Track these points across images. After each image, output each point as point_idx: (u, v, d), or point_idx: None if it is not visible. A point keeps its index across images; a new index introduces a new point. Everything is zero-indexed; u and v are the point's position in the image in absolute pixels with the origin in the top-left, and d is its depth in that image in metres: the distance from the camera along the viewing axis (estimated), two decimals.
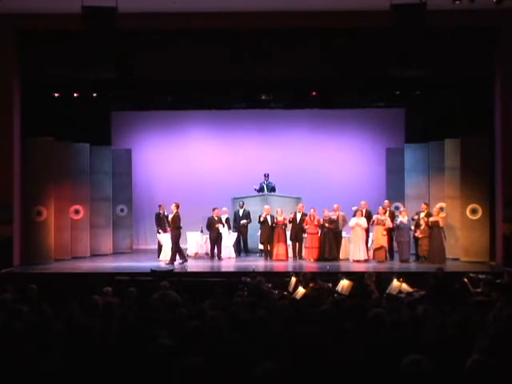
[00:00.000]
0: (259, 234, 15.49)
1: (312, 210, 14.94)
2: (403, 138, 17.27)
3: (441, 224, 14.24)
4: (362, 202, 15.17)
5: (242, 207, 15.86)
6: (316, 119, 17.99)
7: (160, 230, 15.27)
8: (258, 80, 15.50)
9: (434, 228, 14.19)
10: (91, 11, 11.65)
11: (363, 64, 14.11)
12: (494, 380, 3.83)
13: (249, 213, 15.79)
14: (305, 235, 15.01)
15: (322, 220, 14.81)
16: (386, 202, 15.45)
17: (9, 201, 14.08)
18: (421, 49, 12.11)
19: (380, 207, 14.85)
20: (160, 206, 15.47)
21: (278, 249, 14.91)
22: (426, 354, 4.02)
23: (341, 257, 14.96)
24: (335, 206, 15.09)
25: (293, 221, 14.95)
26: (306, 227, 14.90)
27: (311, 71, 14.65)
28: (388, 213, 14.80)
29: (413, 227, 14.52)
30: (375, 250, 14.58)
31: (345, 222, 15.00)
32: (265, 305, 7.25)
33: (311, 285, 9.47)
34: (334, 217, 14.88)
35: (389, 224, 14.49)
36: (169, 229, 14.83)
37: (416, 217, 14.58)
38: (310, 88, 16.51)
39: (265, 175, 16.78)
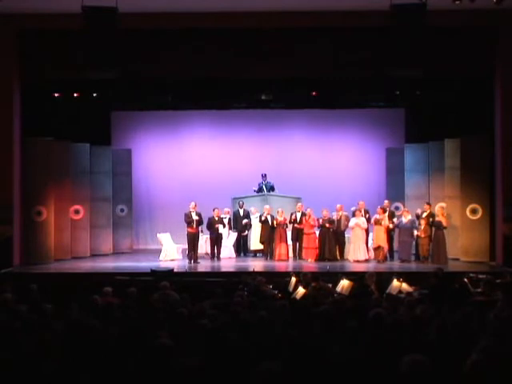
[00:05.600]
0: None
1: (308, 209, 14.93)
2: (403, 138, 17.28)
3: (444, 224, 14.25)
4: (360, 202, 15.16)
5: (241, 207, 15.85)
6: (316, 119, 17.99)
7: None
8: (258, 80, 15.48)
9: (436, 228, 14.20)
10: (91, 11, 11.64)
11: (363, 64, 14.11)
12: (493, 380, 3.83)
13: (249, 212, 15.78)
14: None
15: (321, 220, 14.81)
16: (386, 202, 15.47)
17: (9, 201, 14.07)
18: (421, 48, 12.11)
19: (378, 207, 14.85)
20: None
21: (280, 249, 14.88)
22: (426, 354, 4.02)
23: (343, 257, 14.97)
24: (338, 205, 15.06)
25: (294, 221, 14.95)
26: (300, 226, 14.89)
27: (311, 71, 14.64)
28: (388, 213, 14.81)
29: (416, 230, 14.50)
30: (375, 249, 14.60)
31: (347, 222, 14.97)
32: (265, 305, 7.25)
33: (313, 284, 9.46)
34: (334, 217, 14.88)
35: (386, 223, 14.48)
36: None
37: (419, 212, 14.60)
38: (310, 88, 16.50)
39: (262, 175, 16.74)
